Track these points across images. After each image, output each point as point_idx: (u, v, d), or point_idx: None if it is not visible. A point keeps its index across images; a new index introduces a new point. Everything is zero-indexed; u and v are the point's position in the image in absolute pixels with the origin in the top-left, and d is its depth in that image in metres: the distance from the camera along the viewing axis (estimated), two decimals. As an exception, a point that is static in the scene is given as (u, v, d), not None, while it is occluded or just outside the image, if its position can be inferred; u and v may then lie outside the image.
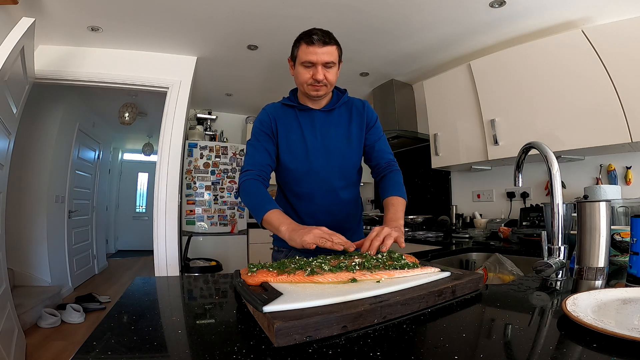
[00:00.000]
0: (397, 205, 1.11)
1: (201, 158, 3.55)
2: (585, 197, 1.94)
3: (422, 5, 2.13)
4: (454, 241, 2.10)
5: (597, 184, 2.05)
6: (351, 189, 1.27)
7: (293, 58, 1.15)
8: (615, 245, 0.98)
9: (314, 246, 0.85)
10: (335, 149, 1.20)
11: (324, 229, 0.90)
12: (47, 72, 2.54)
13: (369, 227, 3.00)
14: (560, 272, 0.85)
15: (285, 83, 3.31)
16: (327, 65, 1.09)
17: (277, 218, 0.97)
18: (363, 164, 1.33)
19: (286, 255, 1.23)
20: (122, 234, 6.91)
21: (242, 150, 3.80)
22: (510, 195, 2.53)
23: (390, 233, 0.89)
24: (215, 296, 0.78)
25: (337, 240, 0.85)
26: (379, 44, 2.64)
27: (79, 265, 4.12)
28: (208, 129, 4.04)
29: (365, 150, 1.28)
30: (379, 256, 0.80)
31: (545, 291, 0.76)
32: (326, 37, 1.08)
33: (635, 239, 0.77)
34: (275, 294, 0.55)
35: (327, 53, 1.08)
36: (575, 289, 0.78)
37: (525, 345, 0.47)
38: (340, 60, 1.16)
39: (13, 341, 2.00)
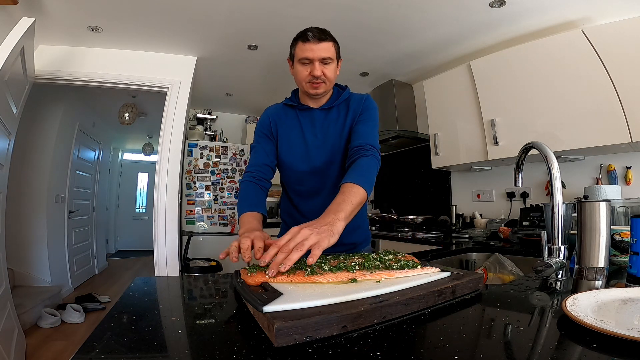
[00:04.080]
0: (346, 193, 0.87)
1: (201, 158, 3.55)
2: (585, 197, 1.94)
3: (422, 5, 2.13)
4: (454, 241, 2.10)
5: (597, 184, 2.04)
6: None
7: (291, 57, 1.17)
8: (615, 245, 0.98)
9: (236, 252, 0.75)
10: (336, 146, 1.20)
11: (261, 235, 0.82)
12: (47, 72, 2.54)
13: (372, 228, 3.02)
14: (560, 272, 0.85)
15: (286, 83, 3.32)
16: (324, 61, 1.10)
17: (242, 221, 1.02)
18: None
19: None
20: (122, 234, 6.91)
21: (242, 150, 3.80)
22: (510, 195, 2.53)
23: (307, 237, 0.68)
24: (215, 296, 0.78)
25: (247, 252, 0.75)
26: (379, 44, 2.64)
27: (79, 265, 4.13)
28: (208, 129, 4.04)
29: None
30: (383, 257, 0.79)
31: (545, 291, 0.76)
32: (321, 34, 1.09)
33: (635, 239, 0.77)
34: (275, 294, 0.55)
35: (323, 49, 1.08)
36: (575, 289, 0.78)
37: (525, 345, 0.47)
38: (339, 58, 1.16)
39: (13, 341, 2.00)
